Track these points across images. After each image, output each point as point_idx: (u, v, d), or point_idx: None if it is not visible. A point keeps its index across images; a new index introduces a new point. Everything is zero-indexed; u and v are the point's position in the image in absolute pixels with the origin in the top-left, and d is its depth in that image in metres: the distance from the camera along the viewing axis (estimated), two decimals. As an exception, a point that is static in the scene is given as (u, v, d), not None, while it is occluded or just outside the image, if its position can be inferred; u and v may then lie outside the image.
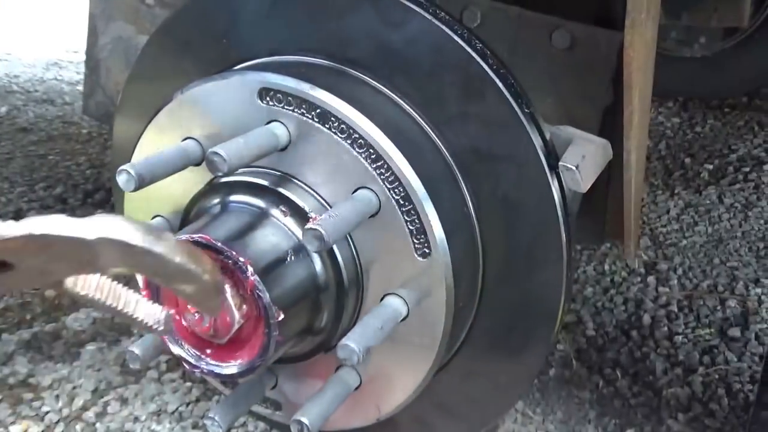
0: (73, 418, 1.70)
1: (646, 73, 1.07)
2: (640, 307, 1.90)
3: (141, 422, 1.68)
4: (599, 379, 1.72)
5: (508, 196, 0.83)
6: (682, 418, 1.61)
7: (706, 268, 2.03)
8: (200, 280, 0.70)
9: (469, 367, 0.94)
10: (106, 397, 1.74)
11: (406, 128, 0.84)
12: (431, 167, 0.82)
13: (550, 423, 1.63)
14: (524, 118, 0.80)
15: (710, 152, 2.53)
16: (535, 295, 0.86)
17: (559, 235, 0.82)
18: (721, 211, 2.24)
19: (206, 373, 0.87)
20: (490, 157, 0.83)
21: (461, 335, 0.91)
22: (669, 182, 2.38)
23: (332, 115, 0.79)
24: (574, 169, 0.81)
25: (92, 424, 1.68)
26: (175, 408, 1.70)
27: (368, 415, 0.94)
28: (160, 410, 1.70)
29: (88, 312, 1.97)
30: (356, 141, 0.79)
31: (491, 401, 0.95)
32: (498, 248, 0.86)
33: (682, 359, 1.75)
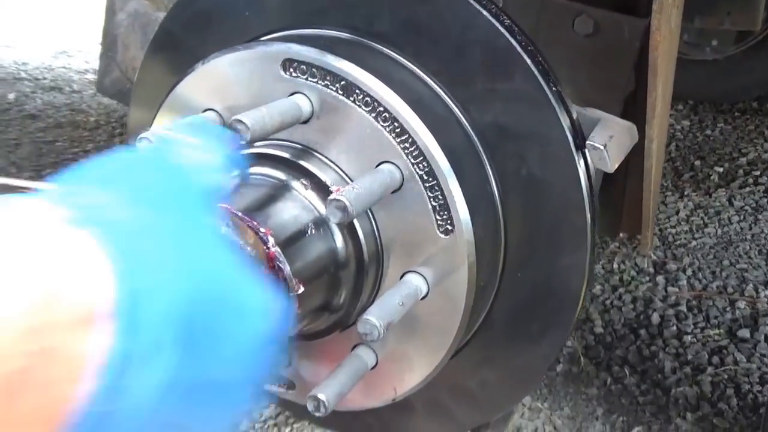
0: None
1: (670, 60, 1.07)
2: (649, 306, 1.89)
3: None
4: (607, 376, 1.70)
5: (532, 175, 0.82)
6: (690, 417, 1.60)
7: (715, 269, 2.02)
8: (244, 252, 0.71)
9: (486, 351, 0.92)
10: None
11: (432, 103, 0.82)
12: (456, 144, 0.81)
13: (557, 418, 1.61)
14: (552, 96, 0.79)
15: (720, 155, 2.52)
16: (557, 278, 0.85)
17: (584, 217, 0.81)
18: (731, 213, 2.23)
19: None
20: (515, 135, 0.81)
21: (480, 317, 0.89)
22: (679, 184, 2.37)
23: (357, 87, 0.78)
24: (602, 148, 0.79)
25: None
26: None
27: (384, 396, 0.92)
28: (164, 396, 1.68)
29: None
30: (381, 114, 0.78)
31: (508, 386, 0.93)
32: (521, 228, 0.85)
33: (691, 359, 1.73)
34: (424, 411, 1.00)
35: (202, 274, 0.52)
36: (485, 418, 1.00)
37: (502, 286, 0.88)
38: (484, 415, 0.98)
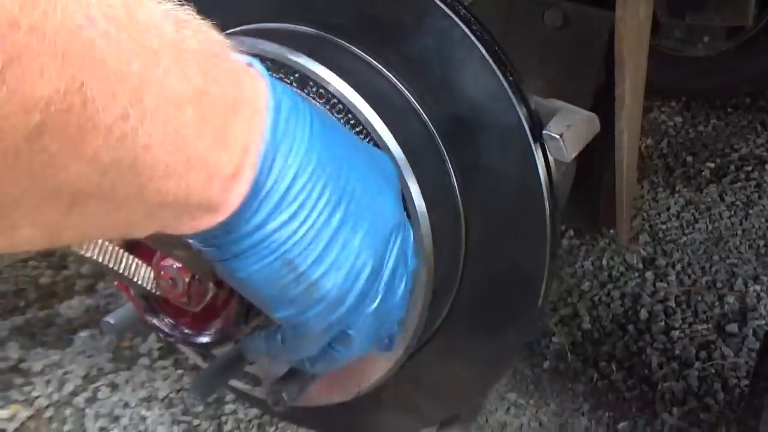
0: (62, 403, 1.69)
1: (639, 52, 1.06)
2: (638, 302, 1.88)
3: (131, 408, 1.67)
4: (594, 372, 1.70)
5: (491, 166, 0.81)
6: (676, 411, 1.59)
7: (705, 264, 2.01)
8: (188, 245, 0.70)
9: (451, 343, 0.92)
10: (97, 383, 1.73)
11: (387, 95, 0.82)
12: (412, 135, 0.81)
13: (543, 415, 1.61)
14: (508, 85, 0.79)
15: (712, 151, 2.51)
16: (518, 269, 0.84)
17: (543, 207, 0.81)
18: (721, 209, 2.22)
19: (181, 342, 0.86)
20: (472, 126, 0.81)
21: (443, 310, 0.89)
22: (670, 180, 2.36)
23: (310, 79, 0.78)
24: (558, 137, 0.79)
25: (81, 409, 1.67)
26: (166, 395, 1.69)
27: (348, 390, 0.93)
28: (151, 396, 1.69)
29: (81, 299, 1.97)
30: (335, 106, 0.78)
31: (474, 378, 0.93)
32: (481, 220, 0.85)
33: (679, 354, 1.73)
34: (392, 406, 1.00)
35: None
36: (452, 410, 0.99)
37: (464, 279, 0.88)
38: (451, 407, 0.98)
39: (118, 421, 1.62)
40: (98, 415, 1.64)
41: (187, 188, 0.47)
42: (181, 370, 1.74)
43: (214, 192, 0.50)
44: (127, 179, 0.42)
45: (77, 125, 0.37)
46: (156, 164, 0.44)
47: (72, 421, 1.62)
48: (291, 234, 0.55)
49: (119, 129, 0.39)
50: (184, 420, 1.62)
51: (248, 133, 0.51)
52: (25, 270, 2.06)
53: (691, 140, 2.56)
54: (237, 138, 0.50)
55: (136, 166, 0.42)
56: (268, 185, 0.53)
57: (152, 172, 0.44)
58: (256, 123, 0.51)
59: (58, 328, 1.88)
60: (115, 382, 1.72)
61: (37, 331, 1.87)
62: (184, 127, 0.45)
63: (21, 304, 1.95)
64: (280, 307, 0.60)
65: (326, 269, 0.58)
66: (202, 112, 0.46)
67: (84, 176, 0.40)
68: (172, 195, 0.46)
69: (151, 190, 0.45)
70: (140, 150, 0.42)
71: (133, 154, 0.41)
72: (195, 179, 0.47)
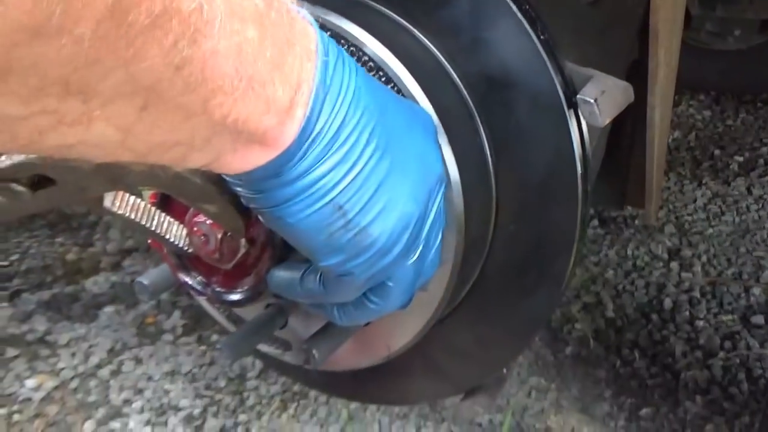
0: (88, 375, 1.71)
1: (673, 25, 1.05)
2: (662, 292, 1.87)
3: (154, 381, 1.69)
4: (616, 359, 1.69)
5: (522, 128, 0.81)
6: (699, 400, 1.58)
7: (731, 256, 1.99)
8: (220, 200, 0.71)
9: (481, 308, 0.92)
10: (121, 356, 1.75)
11: (418, 55, 0.82)
12: (444, 96, 0.81)
13: (564, 399, 1.60)
14: (539, 44, 0.78)
15: (741, 145, 2.48)
16: (549, 232, 0.84)
17: (575, 169, 0.80)
18: (749, 202, 2.20)
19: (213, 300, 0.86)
20: (503, 86, 0.81)
21: (473, 273, 0.89)
22: (697, 173, 2.34)
23: (343, 38, 0.78)
24: (593, 102, 0.79)
25: (106, 381, 1.69)
26: (189, 370, 1.71)
27: (378, 353, 0.93)
28: (174, 371, 1.71)
29: (107, 276, 1.99)
30: (366, 64, 0.78)
31: (503, 344, 0.93)
32: (512, 182, 0.84)
33: (703, 343, 1.71)
34: (419, 372, 1.00)
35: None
36: (481, 378, 0.99)
37: (495, 241, 0.88)
38: (481, 374, 0.98)
39: (142, 394, 1.64)
40: (122, 388, 1.65)
41: (246, 112, 0.48)
42: (204, 347, 1.75)
43: (270, 123, 0.51)
44: (197, 83, 0.44)
45: (162, 5, 0.38)
46: (222, 76, 0.45)
47: (97, 392, 1.64)
48: (340, 178, 0.56)
49: (195, 22, 0.40)
50: (207, 394, 1.63)
51: (301, 69, 0.52)
52: (53, 247, 2.09)
53: (720, 134, 2.53)
54: (291, 72, 0.51)
55: (205, 72, 0.43)
56: (317, 127, 0.54)
57: (218, 83, 0.45)
58: (307, 63, 0.52)
59: (83, 303, 1.90)
60: (139, 356, 1.74)
61: (64, 305, 1.89)
62: (246, 43, 0.46)
63: (48, 280, 1.98)
64: (328, 254, 0.61)
65: (375, 216, 0.59)
66: (263, 35, 0.47)
67: (161, 69, 0.41)
68: (233, 116, 0.48)
69: (214, 105, 0.46)
70: (209, 54, 0.43)
71: (203, 57, 0.42)
72: (254, 104, 0.48)
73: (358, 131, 0.56)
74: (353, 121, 0.56)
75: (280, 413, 1.58)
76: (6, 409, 1.60)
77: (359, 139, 0.56)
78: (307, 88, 0.52)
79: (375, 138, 0.58)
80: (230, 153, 0.51)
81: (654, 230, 2.08)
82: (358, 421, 1.55)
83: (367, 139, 0.57)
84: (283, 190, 0.56)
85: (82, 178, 0.65)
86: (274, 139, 0.52)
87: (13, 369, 1.68)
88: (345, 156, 0.56)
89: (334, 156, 0.55)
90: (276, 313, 0.97)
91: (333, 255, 0.61)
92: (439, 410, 1.58)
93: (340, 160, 0.56)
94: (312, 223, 0.57)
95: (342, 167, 0.56)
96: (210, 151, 0.50)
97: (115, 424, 1.57)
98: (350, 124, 0.56)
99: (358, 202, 0.58)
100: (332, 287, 0.66)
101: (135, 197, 0.77)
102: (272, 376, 1.66)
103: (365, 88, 0.58)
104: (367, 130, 0.57)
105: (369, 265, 0.62)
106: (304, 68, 0.52)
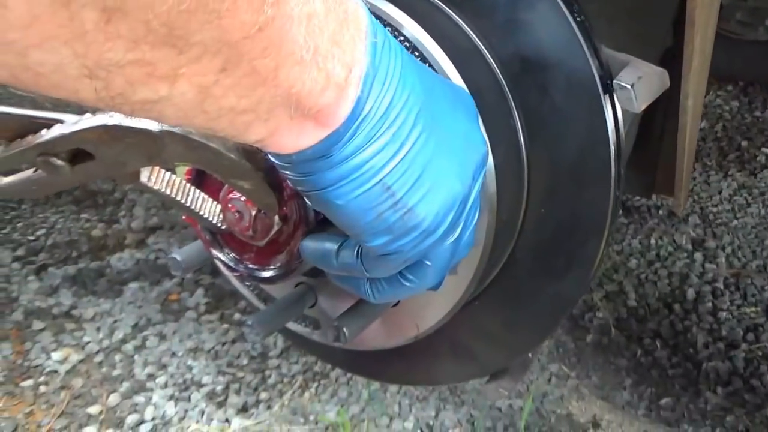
0: (112, 349, 1.73)
1: (710, 13, 1.04)
2: (685, 282, 1.86)
3: (177, 357, 1.71)
4: (638, 348, 1.69)
5: (556, 108, 0.81)
6: (721, 391, 1.58)
7: (756, 248, 1.98)
8: (255, 177, 0.72)
9: (509, 291, 0.92)
10: (146, 332, 1.77)
11: (453, 34, 0.82)
12: (478, 75, 0.81)
13: (584, 387, 1.60)
14: (576, 27, 0.78)
15: (768, 137, 2.46)
16: (581, 213, 0.84)
17: (608, 155, 0.80)
18: (776, 194, 2.18)
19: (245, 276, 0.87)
20: (538, 68, 0.81)
21: (504, 255, 0.89)
22: (723, 164, 2.32)
23: (377, 16, 0.78)
24: (629, 87, 0.79)
25: (131, 356, 1.71)
26: (212, 347, 1.73)
27: (407, 333, 0.93)
28: (197, 348, 1.73)
29: (131, 253, 2.01)
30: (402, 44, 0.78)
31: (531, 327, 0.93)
32: (544, 162, 0.84)
33: (725, 335, 1.71)
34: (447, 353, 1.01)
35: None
36: (508, 360, 1.00)
37: (525, 224, 0.88)
38: (508, 357, 0.99)
39: (166, 369, 1.66)
40: (146, 363, 1.68)
41: (310, 84, 0.50)
42: (227, 325, 1.77)
43: (328, 99, 0.52)
44: (273, 47, 0.45)
45: None
46: (294, 42, 0.46)
47: (121, 366, 1.67)
48: (389, 159, 0.57)
49: None
50: (229, 372, 1.65)
51: (354, 49, 0.53)
52: (78, 223, 2.11)
53: (747, 125, 2.50)
54: (347, 50, 0.52)
55: (282, 35, 0.45)
56: (367, 108, 0.55)
57: (289, 49, 0.46)
58: (359, 44, 0.53)
59: (108, 278, 1.92)
60: (163, 332, 1.76)
61: (89, 280, 1.92)
62: (314, 15, 0.47)
63: (74, 255, 2.00)
64: (374, 235, 0.62)
65: (422, 196, 0.60)
66: (327, 8, 0.49)
67: (247, 26, 0.43)
68: (297, 88, 0.49)
69: (283, 73, 0.47)
70: (287, 18, 0.45)
71: (282, 21, 0.44)
72: (317, 77, 0.50)
73: (406, 112, 0.57)
74: (401, 103, 0.56)
75: (301, 392, 1.60)
76: (32, 380, 1.63)
77: (406, 119, 0.57)
78: (359, 68, 0.53)
79: (422, 119, 0.58)
80: (286, 129, 0.52)
81: (678, 220, 2.07)
82: (378, 401, 1.56)
83: (414, 120, 0.58)
84: (332, 172, 0.56)
85: (119, 153, 0.66)
86: (328, 116, 0.53)
87: (40, 341, 1.71)
88: (393, 136, 0.56)
89: (383, 137, 0.56)
90: (306, 291, 0.98)
91: (379, 236, 0.61)
92: (459, 393, 1.59)
93: (388, 140, 0.56)
94: (360, 204, 0.58)
95: (390, 148, 0.57)
96: (271, 122, 0.51)
97: (139, 398, 1.59)
98: (398, 105, 0.56)
99: (406, 183, 0.58)
100: (371, 264, 0.67)
101: (170, 173, 0.78)
102: (294, 356, 1.68)
103: (411, 69, 0.58)
104: (414, 111, 0.57)
105: (414, 245, 0.63)
106: (356, 48, 0.53)
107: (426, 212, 0.61)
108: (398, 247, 0.63)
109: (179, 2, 0.38)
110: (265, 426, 1.53)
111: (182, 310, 1.82)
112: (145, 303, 1.85)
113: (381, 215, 0.59)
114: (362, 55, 0.53)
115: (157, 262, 1.98)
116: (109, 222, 2.12)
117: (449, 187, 0.62)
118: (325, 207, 0.61)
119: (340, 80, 0.52)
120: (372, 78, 0.54)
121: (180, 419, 1.55)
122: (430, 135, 0.59)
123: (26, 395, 1.60)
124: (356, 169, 0.56)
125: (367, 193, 0.58)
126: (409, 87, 0.57)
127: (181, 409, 1.57)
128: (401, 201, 0.59)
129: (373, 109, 0.55)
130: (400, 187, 0.59)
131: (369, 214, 0.59)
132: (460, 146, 0.62)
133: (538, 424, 1.52)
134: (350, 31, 0.52)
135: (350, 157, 0.56)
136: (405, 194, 0.59)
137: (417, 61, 0.62)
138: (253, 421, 1.54)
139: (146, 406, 1.57)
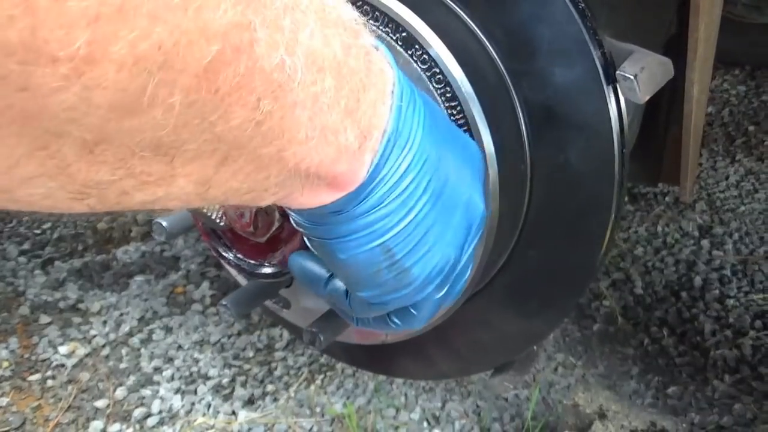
0: (119, 342, 1.74)
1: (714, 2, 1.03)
2: (692, 269, 1.85)
3: (184, 350, 1.71)
4: (645, 336, 1.68)
5: (558, 101, 0.80)
6: (728, 379, 1.57)
7: (764, 234, 1.96)
8: None
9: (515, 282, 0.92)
10: (152, 325, 1.78)
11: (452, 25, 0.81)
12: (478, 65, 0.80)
13: (590, 376, 1.60)
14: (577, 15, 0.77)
15: (776, 121, 2.44)
16: (584, 210, 0.83)
17: (612, 146, 0.79)
18: (784, 179, 2.16)
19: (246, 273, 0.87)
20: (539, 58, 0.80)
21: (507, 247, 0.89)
22: (730, 149, 2.30)
23: (417, 42, 0.76)
24: (632, 78, 0.78)
25: (137, 349, 1.72)
26: (218, 339, 1.73)
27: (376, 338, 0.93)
28: (203, 340, 1.73)
29: (137, 246, 2.01)
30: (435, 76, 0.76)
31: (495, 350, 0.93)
32: (547, 158, 0.84)
33: (733, 322, 1.70)
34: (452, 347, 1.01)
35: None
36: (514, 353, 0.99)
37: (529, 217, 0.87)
38: (465, 369, 0.99)
39: (172, 362, 1.66)
40: (153, 356, 1.68)
41: (319, 159, 0.49)
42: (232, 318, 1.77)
43: (340, 169, 0.52)
44: (275, 135, 0.44)
45: (246, 66, 0.38)
46: (298, 126, 0.45)
47: (128, 359, 1.67)
48: (396, 223, 0.58)
49: (277, 78, 0.41)
50: (235, 364, 1.66)
51: (373, 114, 0.52)
52: (84, 216, 2.11)
53: (754, 110, 2.48)
54: (363, 118, 0.51)
55: (283, 124, 0.44)
56: (383, 172, 0.55)
57: (293, 133, 0.45)
58: (381, 107, 0.53)
59: (114, 272, 1.93)
60: (169, 325, 1.76)
61: (95, 274, 1.92)
62: (322, 93, 0.46)
63: (79, 248, 2.01)
64: (367, 288, 0.63)
65: (418, 259, 0.61)
66: (339, 83, 0.47)
67: (243, 126, 0.41)
68: (306, 163, 0.48)
69: (289, 154, 0.46)
70: (288, 107, 0.43)
71: (282, 111, 0.43)
72: (327, 151, 0.49)
73: (419, 179, 0.57)
74: (415, 170, 0.57)
75: (307, 384, 1.60)
76: (40, 374, 1.63)
77: (418, 187, 0.57)
78: (378, 133, 0.53)
79: (431, 187, 0.59)
80: (299, 193, 0.53)
81: (685, 207, 2.06)
82: (384, 393, 1.56)
83: (424, 188, 0.58)
84: (341, 227, 0.57)
85: None
86: (342, 183, 0.54)
87: (47, 335, 1.72)
88: (403, 202, 0.57)
89: (394, 201, 0.56)
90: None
91: (372, 289, 0.63)
92: (465, 384, 1.59)
93: (399, 205, 0.57)
94: (361, 260, 0.59)
95: (399, 212, 0.57)
96: (280, 192, 0.51)
97: (146, 391, 1.59)
98: (413, 172, 0.56)
99: (407, 246, 0.59)
100: (358, 306, 0.68)
101: None
102: (299, 348, 1.68)
103: (430, 133, 0.58)
104: (425, 179, 0.58)
105: (402, 300, 0.65)
106: (376, 112, 0.52)
107: (419, 273, 0.62)
108: (387, 300, 0.64)
109: (163, 125, 0.37)
110: (272, 418, 1.53)
111: (188, 303, 1.82)
112: (151, 296, 1.85)
113: (377, 272, 0.61)
114: (383, 119, 0.53)
115: (162, 254, 1.98)
116: (115, 215, 2.12)
117: (445, 252, 0.63)
118: (325, 255, 0.63)
119: (354, 149, 0.52)
120: (393, 143, 0.54)
121: (187, 412, 1.56)
122: (436, 202, 0.60)
123: (34, 389, 1.60)
124: (364, 227, 0.57)
125: (369, 251, 0.59)
126: (426, 155, 0.57)
127: (188, 402, 1.57)
128: (399, 262, 0.60)
129: (389, 174, 0.55)
130: (401, 249, 0.60)
131: (367, 269, 0.61)
132: (461, 213, 0.63)
133: (545, 414, 1.52)
134: (371, 95, 0.51)
135: (360, 217, 0.57)
136: (404, 256, 0.60)
137: (435, 111, 0.61)
138: (259, 413, 1.55)
139: (153, 399, 1.58)
